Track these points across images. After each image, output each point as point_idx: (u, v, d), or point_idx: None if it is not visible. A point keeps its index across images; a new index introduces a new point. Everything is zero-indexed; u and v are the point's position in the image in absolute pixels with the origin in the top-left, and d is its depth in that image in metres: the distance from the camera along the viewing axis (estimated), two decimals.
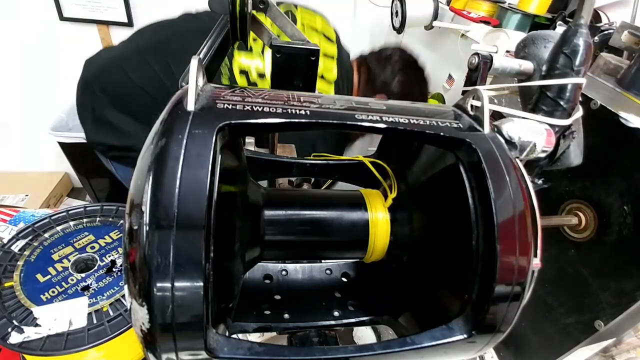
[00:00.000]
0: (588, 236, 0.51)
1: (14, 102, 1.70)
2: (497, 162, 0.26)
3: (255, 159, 0.40)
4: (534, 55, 0.38)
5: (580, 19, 0.32)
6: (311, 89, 0.40)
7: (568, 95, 0.33)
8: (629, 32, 0.61)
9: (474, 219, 0.26)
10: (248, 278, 0.39)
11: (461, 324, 0.26)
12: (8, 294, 0.58)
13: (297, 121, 0.25)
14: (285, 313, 0.36)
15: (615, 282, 0.48)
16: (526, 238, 0.24)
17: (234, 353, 0.22)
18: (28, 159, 1.86)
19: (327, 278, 0.41)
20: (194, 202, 0.20)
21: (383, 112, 0.27)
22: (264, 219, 0.32)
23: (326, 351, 0.25)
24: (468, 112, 0.30)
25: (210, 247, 0.21)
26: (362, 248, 0.34)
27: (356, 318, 0.37)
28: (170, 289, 0.20)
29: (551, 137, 0.30)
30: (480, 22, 0.97)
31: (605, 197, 0.49)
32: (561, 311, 0.55)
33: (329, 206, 0.34)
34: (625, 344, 0.54)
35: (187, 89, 0.24)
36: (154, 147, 0.21)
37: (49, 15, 1.52)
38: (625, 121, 0.47)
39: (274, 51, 0.37)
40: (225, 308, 0.28)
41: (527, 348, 0.61)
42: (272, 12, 0.39)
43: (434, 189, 0.32)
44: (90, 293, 0.61)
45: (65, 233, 0.71)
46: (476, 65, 0.38)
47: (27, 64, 1.62)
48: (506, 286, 0.24)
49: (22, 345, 0.53)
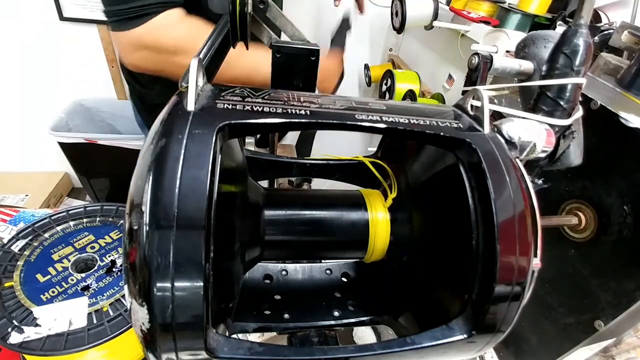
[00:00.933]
0: (588, 236, 0.51)
1: (14, 102, 1.70)
2: (497, 162, 0.26)
3: (255, 159, 0.40)
4: (534, 55, 0.38)
5: (580, 19, 0.32)
6: (311, 89, 0.40)
7: (568, 95, 0.33)
8: (629, 32, 0.61)
9: (474, 219, 0.26)
10: (248, 278, 0.39)
11: (461, 324, 0.26)
12: (8, 294, 0.59)
13: (297, 121, 0.25)
14: (285, 313, 0.36)
15: (615, 282, 0.48)
16: (526, 238, 0.24)
17: (234, 353, 0.22)
18: (28, 159, 1.86)
19: (327, 278, 0.41)
20: (194, 202, 0.20)
21: (383, 112, 0.27)
22: (264, 219, 0.32)
23: (326, 351, 0.25)
24: (468, 112, 0.30)
25: (210, 247, 0.21)
26: (362, 248, 0.34)
27: (356, 318, 0.37)
28: (170, 289, 0.20)
29: (551, 137, 0.30)
30: (480, 22, 0.97)
31: (605, 197, 0.49)
32: (561, 311, 0.55)
33: (329, 206, 0.34)
34: (625, 344, 0.54)
35: (187, 88, 0.24)
36: (154, 147, 0.21)
37: (49, 15, 1.52)
38: (625, 121, 0.47)
39: (274, 51, 0.37)
40: (225, 308, 0.28)
41: (527, 348, 0.61)
42: (272, 12, 0.39)
43: (434, 189, 0.32)
44: (90, 293, 0.61)
45: (65, 233, 0.71)
46: (476, 65, 0.38)
47: (27, 64, 1.62)
48: (506, 286, 0.24)
49: (22, 345, 0.53)
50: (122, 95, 1.79)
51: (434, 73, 1.30)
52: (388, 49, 1.56)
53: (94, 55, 1.66)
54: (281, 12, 0.39)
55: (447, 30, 1.14)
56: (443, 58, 1.27)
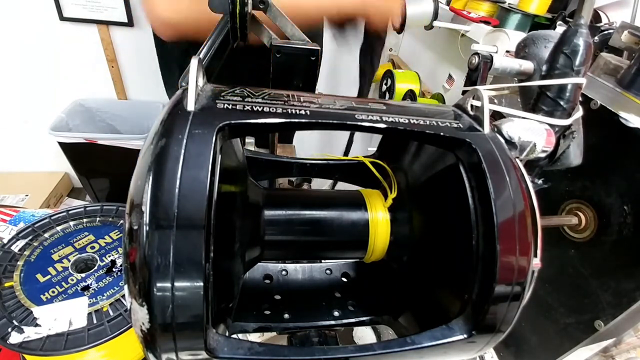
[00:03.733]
0: (588, 236, 0.51)
1: (14, 102, 1.70)
2: (497, 162, 0.26)
3: (255, 159, 0.40)
4: (534, 55, 0.38)
5: (580, 19, 0.32)
6: (311, 89, 0.40)
7: (568, 95, 0.33)
8: (629, 32, 0.61)
9: (474, 219, 0.26)
10: (248, 278, 0.39)
11: (461, 324, 0.26)
12: (8, 294, 0.59)
13: (297, 121, 0.25)
14: (285, 313, 0.36)
15: (615, 282, 0.48)
16: (526, 238, 0.24)
17: (234, 353, 0.22)
18: (28, 159, 1.86)
19: (327, 278, 0.41)
20: (194, 202, 0.20)
21: (383, 112, 0.27)
22: (264, 219, 0.32)
23: (326, 351, 0.25)
24: (468, 112, 0.30)
25: (210, 247, 0.21)
26: (362, 248, 0.34)
27: (356, 318, 0.37)
28: (170, 289, 0.20)
29: (551, 137, 0.30)
30: (480, 22, 0.97)
31: (605, 197, 0.49)
32: (561, 311, 0.55)
33: (329, 206, 0.34)
34: (625, 344, 0.54)
35: (187, 89, 0.24)
36: (154, 147, 0.21)
37: (49, 15, 1.52)
38: (625, 121, 0.47)
39: (274, 51, 0.37)
40: (225, 308, 0.28)
41: (527, 348, 0.61)
42: (272, 11, 0.39)
43: (434, 189, 0.32)
44: (90, 293, 0.61)
45: (65, 233, 0.71)
46: (476, 65, 0.38)
47: (27, 64, 1.62)
48: (506, 286, 0.24)
49: (22, 345, 0.53)
50: (122, 95, 1.79)
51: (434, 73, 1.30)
52: (388, 49, 1.56)
53: (94, 55, 1.66)
54: (281, 12, 0.39)
55: (447, 30, 1.14)
56: (443, 58, 1.27)
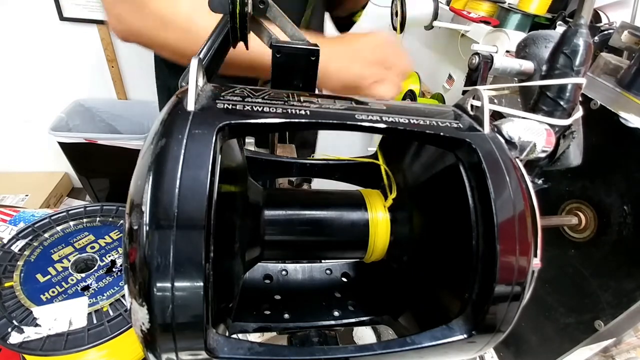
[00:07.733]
0: (588, 236, 0.51)
1: (14, 102, 1.71)
2: (497, 162, 0.26)
3: (255, 159, 0.40)
4: (534, 55, 0.38)
5: (580, 19, 0.32)
6: (311, 89, 0.40)
7: (568, 95, 0.33)
8: (629, 32, 0.61)
9: (473, 219, 0.26)
10: (248, 278, 0.39)
11: (461, 324, 0.26)
12: (8, 294, 0.59)
13: (297, 121, 0.25)
14: (285, 313, 0.36)
15: (615, 282, 0.48)
16: (526, 238, 0.24)
17: (234, 353, 0.22)
18: (28, 159, 1.87)
19: (327, 278, 0.41)
20: (194, 202, 0.20)
21: (383, 112, 0.27)
22: (264, 219, 0.32)
23: (326, 351, 0.25)
24: (468, 112, 0.30)
25: (210, 247, 0.21)
26: (362, 248, 0.34)
27: (356, 318, 0.37)
28: (170, 289, 0.20)
29: (551, 137, 0.30)
30: (480, 22, 0.97)
31: (605, 197, 0.49)
32: (561, 311, 0.55)
33: (329, 206, 0.34)
34: (625, 344, 0.54)
35: (187, 89, 0.24)
36: (153, 147, 0.21)
37: (49, 15, 1.52)
38: (625, 121, 0.47)
39: (274, 51, 0.37)
40: (225, 308, 0.28)
41: (527, 348, 0.61)
42: (272, 12, 0.39)
43: (434, 188, 0.32)
44: (90, 293, 0.61)
45: (65, 233, 0.71)
46: (476, 65, 0.38)
47: (28, 64, 1.62)
48: (506, 286, 0.24)
49: (22, 345, 0.53)
50: (122, 95, 1.79)
51: (434, 73, 1.30)
52: None
53: (94, 55, 1.66)
54: (281, 12, 0.39)
55: (447, 30, 1.15)
56: (443, 58, 1.27)
